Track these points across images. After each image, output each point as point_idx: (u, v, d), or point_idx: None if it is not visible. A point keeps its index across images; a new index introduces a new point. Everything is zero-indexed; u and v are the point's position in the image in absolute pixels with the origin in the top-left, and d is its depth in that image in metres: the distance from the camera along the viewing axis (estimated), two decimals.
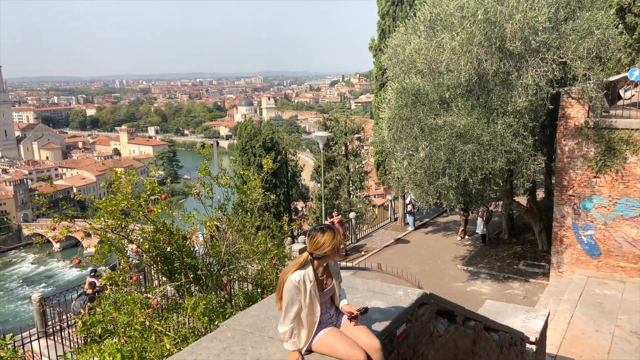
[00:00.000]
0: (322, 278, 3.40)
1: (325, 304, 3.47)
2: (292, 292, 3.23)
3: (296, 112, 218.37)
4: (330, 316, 3.53)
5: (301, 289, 3.24)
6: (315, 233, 3.30)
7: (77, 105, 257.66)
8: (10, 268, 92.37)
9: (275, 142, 33.52)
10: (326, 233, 3.27)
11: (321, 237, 3.26)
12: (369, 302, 4.25)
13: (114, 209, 5.85)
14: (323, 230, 3.31)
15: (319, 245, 3.26)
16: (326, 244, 3.25)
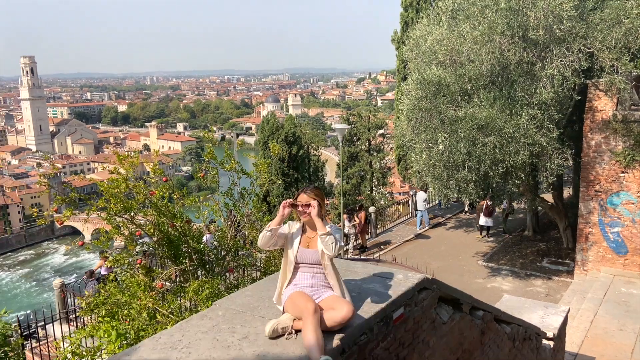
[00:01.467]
0: (309, 237, 3.53)
1: (309, 269, 3.52)
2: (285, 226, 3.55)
3: (322, 109, 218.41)
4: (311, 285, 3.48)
5: (287, 228, 3.54)
6: (303, 188, 3.57)
7: (109, 101, 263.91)
8: (43, 259, 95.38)
9: (297, 137, 33.53)
10: (305, 193, 3.50)
11: (302, 193, 3.52)
12: (367, 285, 4.13)
13: (116, 191, 5.86)
14: (304, 190, 3.54)
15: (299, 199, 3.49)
16: (301, 199, 3.47)
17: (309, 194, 3.48)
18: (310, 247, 3.51)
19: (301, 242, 3.52)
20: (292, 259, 3.52)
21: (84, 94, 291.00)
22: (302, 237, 3.53)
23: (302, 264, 3.51)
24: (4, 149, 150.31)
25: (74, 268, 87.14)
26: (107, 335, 4.44)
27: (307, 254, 3.50)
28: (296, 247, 3.50)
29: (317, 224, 3.40)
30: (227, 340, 3.27)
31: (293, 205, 3.48)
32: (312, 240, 3.52)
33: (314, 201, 3.43)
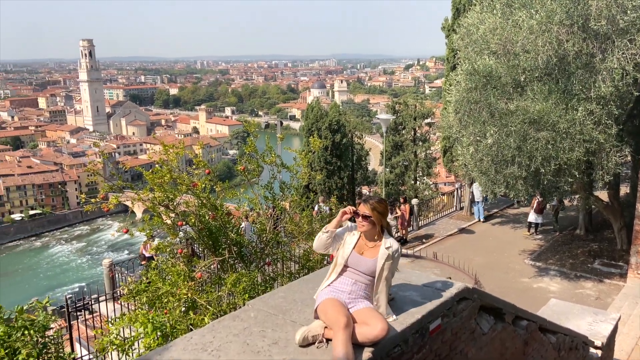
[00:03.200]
0: (366, 245, 3.47)
1: (356, 276, 3.44)
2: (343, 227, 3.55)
3: (368, 96, 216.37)
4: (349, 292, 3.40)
5: (348, 231, 3.51)
6: (366, 198, 3.52)
7: (162, 84, 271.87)
8: (97, 235, 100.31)
9: (342, 125, 33.30)
10: (366, 204, 3.45)
11: (363, 204, 3.46)
12: (402, 293, 4.00)
13: (160, 181, 5.96)
14: (367, 200, 3.48)
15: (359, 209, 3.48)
16: (361, 209, 3.45)
17: (368, 206, 3.43)
18: (364, 255, 3.45)
19: (356, 247, 3.47)
20: (342, 262, 3.47)
21: (139, 77, 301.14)
22: (359, 242, 3.48)
23: (350, 268, 3.45)
24: (64, 128, 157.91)
25: (126, 244, 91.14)
26: (143, 327, 4.55)
27: (359, 260, 3.44)
28: (349, 250, 3.45)
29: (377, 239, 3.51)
30: (257, 345, 3.24)
31: (354, 213, 3.44)
32: (367, 249, 3.47)
33: (370, 218, 3.42)
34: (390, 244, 3.44)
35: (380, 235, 3.49)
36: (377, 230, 3.47)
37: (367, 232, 3.46)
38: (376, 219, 3.42)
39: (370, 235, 3.47)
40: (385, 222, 3.52)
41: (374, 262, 3.41)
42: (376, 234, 3.47)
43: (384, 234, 3.50)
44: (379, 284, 3.43)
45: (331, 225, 3.46)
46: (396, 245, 3.46)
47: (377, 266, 3.39)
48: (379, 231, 3.48)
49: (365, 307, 3.35)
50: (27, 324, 4.13)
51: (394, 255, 3.44)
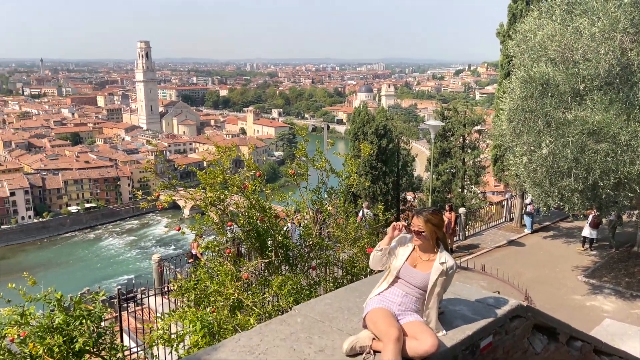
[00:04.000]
0: (420, 258, 3.39)
1: (407, 288, 3.37)
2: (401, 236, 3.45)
3: (416, 101, 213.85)
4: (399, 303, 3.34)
5: (401, 242, 3.42)
6: (419, 210, 3.44)
7: (212, 85, 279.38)
8: (147, 229, 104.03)
9: (388, 130, 33.03)
10: (419, 216, 3.36)
11: (416, 217, 3.37)
12: (453, 307, 3.90)
13: (213, 181, 6.09)
14: (420, 213, 3.39)
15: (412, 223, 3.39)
16: (414, 223, 3.35)
17: (421, 218, 3.34)
18: (417, 268, 3.38)
19: (409, 259, 3.39)
20: (394, 272, 3.41)
21: (191, 78, 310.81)
22: (412, 254, 3.41)
23: (401, 280, 3.39)
24: (120, 126, 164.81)
25: (173, 240, 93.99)
26: (192, 325, 4.65)
27: (412, 273, 3.37)
28: (402, 261, 3.39)
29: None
30: (303, 351, 3.24)
31: (405, 228, 3.39)
32: (420, 262, 3.39)
33: (421, 235, 3.35)
34: (445, 259, 3.34)
35: (435, 249, 3.40)
36: (432, 243, 3.38)
37: (421, 245, 3.38)
38: (430, 232, 3.32)
39: (425, 249, 3.38)
40: (442, 234, 3.42)
41: (426, 276, 3.33)
42: (431, 247, 3.38)
43: (439, 247, 3.40)
44: (430, 298, 3.35)
45: (384, 242, 3.40)
46: (451, 262, 3.36)
47: (429, 281, 3.31)
48: (434, 244, 3.39)
49: (416, 321, 3.29)
50: (84, 314, 4.32)
51: (448, 272, 3.35)
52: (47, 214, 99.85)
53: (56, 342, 4.02)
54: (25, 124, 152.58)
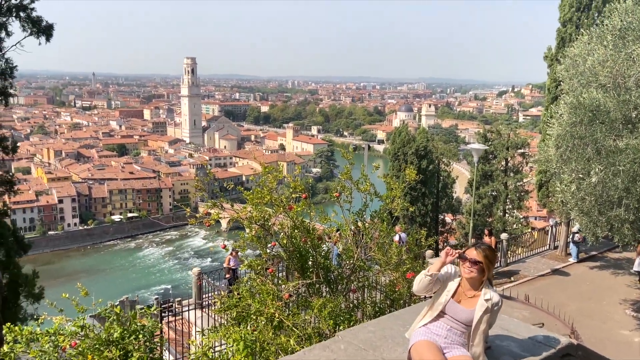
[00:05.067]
0: (465, 294, 3.35)
1: (452, 323, 3.34)
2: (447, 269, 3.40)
3: (457, 121, 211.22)
4: (445, 336, 3.31)
5: (447, 274, 3.36)
6: (478, 244, 3.40)
7: (254, 101, 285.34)
8: (185, 240, 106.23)
9: (429, 151, 32.71)
10: (478, 249, 3.33)
11: (475, 249, 3.35)
12: (500, 342, 3.82)
13: (259, 201, 6.22)
14: (479, 246, 3.36)
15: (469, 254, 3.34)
16: (471, 255, 3.33)
17: (479, 252, 3.32)
18: (462, 304, 3.34)
19: (455, 294, 3.36)
20: (439, 307, 3.37)
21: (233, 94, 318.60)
22: (458, 289, 3.37)
23: (447, 315, 3.35)
24: (164, 139, 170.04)
25: (210, 252, 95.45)
26: (236, 344, 4.73)
27: (457, 309, 3.34)
28: (448, 296, 3.35)
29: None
30: None
31: (460, 257, 3.36)
32: (466, 298, 3.35)
33: (480, 264, 3.31)
34: (490, 296, 3.29)
35: (482, 285, 3.36)
36: (482, 279, 3.35)
37: (472, 280, 3.33)
38: (485, 267, 3.30)
39: (474, 284, 3.34)
40: (491, 272, 3.39)
41: (471, 312, 3.28)
42: (479, 283, 3.34)
43: (485, 284, 3.36)
44: (475, 335, 3.29)
45: (434, 268, 3.37)
46: (497, 298, 3.31)
47: (474, 318, 3.27)
48: (483, 280, 3.36)
49: (462, 355, 3.25)
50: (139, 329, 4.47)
51: (494, 308, 3.29)
52: (92, 222, 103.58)
53: (114, 355, 4.18)
54: (76, 134, 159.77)
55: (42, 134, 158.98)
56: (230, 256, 15.58)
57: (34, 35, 10.12)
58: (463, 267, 3.35)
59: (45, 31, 10.17)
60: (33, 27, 10.05)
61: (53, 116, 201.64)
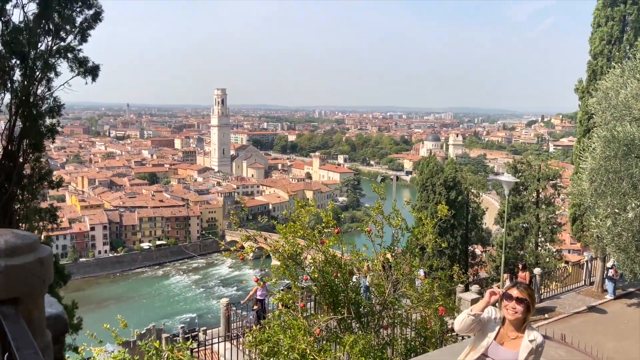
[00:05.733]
0: (508, 335, 3.33)
1: None
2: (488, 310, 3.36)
3: (485, 151, 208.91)
4: None
5: (489, 315, 3.35)
6: (518, 283, 3.42)
7: (282, 131, 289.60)
8: (212, 268, 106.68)
9: (458, 182, 32.39)
10: (520, 288, 3.33)
11: (517, 288, 3.34)
12: None
13: (292, 236, 6.32)
14: (520, 285, 3.36)
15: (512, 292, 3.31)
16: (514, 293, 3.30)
17: (521, 291, 3.33)
18: (505, 346, 3.33)
19: (497, 337, 3.35)
20: (481, 350, 3.36)
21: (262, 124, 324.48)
22: (500, 331, 3.36)
23: (489, 357, 3.35)
24: (193, 167, 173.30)
25: (235, 281, 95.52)
26: None
27: (499, 351, 3.33)
28: (490, 339, 3.34)
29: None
30: None
31: (504, 296, 3.36)
32: (509, 340, 3.34)
33: (526, 302, 3.32)
34: (534, 337, 3.27)
35: (524, 325, 3.35)
36: (526, 318, 3.34)
37: (515, 321, 3.31)
38: (530, 305, 3.31)
39: (517, 325, 3.32)
40: (532, 312, 3.38)
41: (515, 354, 3.27)
42: (522, 323, 3.33)
43: (528, 324, 3.35)
44: None
45: (478, 307, 3.37)
46: (540, 339, 3.29)
47: (519, 359, 3.26)
48: (525, 320, 3.35)
49: None
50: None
51: (538, 349, 3.27)
52: (122, 249, 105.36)
53: None
54: (109, 163, 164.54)
55: (77, 163, 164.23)
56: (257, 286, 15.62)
57: (81, 75, 10.69)
58: (506, 308, 3.34)
59: (91, 71, 10.74)
60: (80, 68, 10.63)
61: (88, 145, 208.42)
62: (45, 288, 1.85)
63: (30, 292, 1.75)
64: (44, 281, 1.82)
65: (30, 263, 1.72)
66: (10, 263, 1.67)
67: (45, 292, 1.89)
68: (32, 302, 1.77)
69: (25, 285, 1.71)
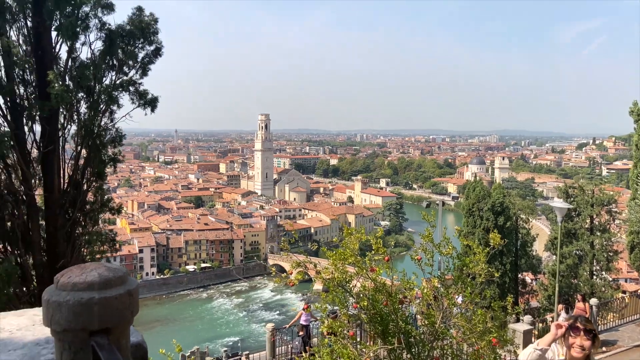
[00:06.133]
0: None
1: None
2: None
3: (533, 175, 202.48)
4: None
5: (552, 358, 3.30)
6: (582, 318, 3.29)
7: (323, 155, 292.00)
8: (254, 292, 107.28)
9: (506, 207, 31.45)
10: (587, 323, 3.25)
11: (579, 323, 3.26)
12: None
13: (341, 263, 6.34)
14: (586, 320, 3.30)
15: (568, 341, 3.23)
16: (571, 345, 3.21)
17: (586, 325, 3.27)
18: None
19: None
20: None
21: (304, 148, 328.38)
22: None
23: None
24: (237, 191, 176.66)
25: (278, 305, 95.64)
26: None
27: None
28: None
29: None
30: None
31: (571, 328, 3.28)
32: None
33: (593, 332, 3.28)
34: None
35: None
36: (590, 354, 3.23)
37: (581, 357, 3.23)
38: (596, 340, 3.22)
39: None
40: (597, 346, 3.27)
41: None
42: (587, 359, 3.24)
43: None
44: None
45: (545, 342, 3.29)
46: None
47: None
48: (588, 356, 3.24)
49: None
50: None
51: None
52: (168, 272, 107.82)
53: None
54: (158, 187, 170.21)
55: (128, 187, 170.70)
56: (302, 311, 15.60)
57: (141, 106, 11.30)
58: (573, 345, 3.24)
59: (151, 103, 11.34)
60: (140, 100, 11.25)
61: (138, 170, 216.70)
62: (132, 319, 1.96)
63: (120, 322, 1.86)
64: (132, 312, 1.93)
65: (121, 295, 1.83)
66: (104, 295, 1.78)
67: (131, 323, 2.00)
68: (121, 331, 1.88)
69: (117, 316, 1.82)
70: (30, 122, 10.31)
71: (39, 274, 10.42)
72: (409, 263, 7.36)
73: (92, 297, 1.76)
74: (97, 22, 10.53)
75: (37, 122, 10.39)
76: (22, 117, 10.22)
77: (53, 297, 1.80)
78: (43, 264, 10.33)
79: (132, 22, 10.98)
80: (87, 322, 1.76)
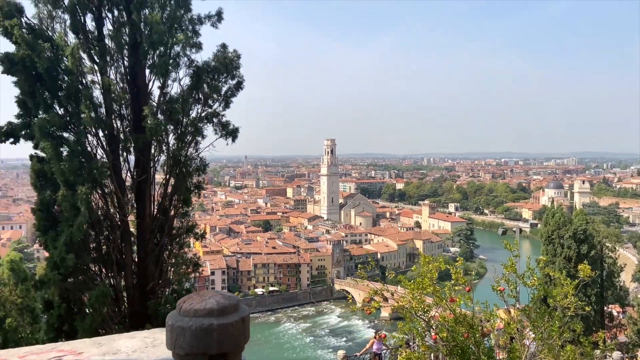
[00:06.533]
0: None
1: None
2: None
3: (617, 199, 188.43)
4: None
5: None
6: None
7: (389, 179, 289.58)
8: (321, 317, 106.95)
9: (589, 234, 29.50)
10: None
11: None
12: None
13: (419, 293, 6.31)
14: None
15: None
16: None
17: None
18: None
19: None
20: None
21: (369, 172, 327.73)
22: None
23: None
24: (304, 215, 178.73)
25: (345, 331, 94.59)
26: None
27: None
28: None
29: None
30: None
31: None
32: None
33: None
34: None
35: None
36: None
37: None
38: None
39: None
40: None
41: None
42: None
43: None
44: None
45: None
46: None
47: None
48: None
49: None
50: None
51: None
52: (238, 294, 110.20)
53: None
54: (228, 211, 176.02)
55: (201, 211, 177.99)
56: (374, 339, 15.45)
57: (223, 137, 12.02)
58: None
59: (232, 133, 12.03)
60: (223, 130, 11.97)
61: (211, 195, 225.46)
62: (244, 345, 2.10)
63: (235, 348, 2.00)
64: (245, 338, 2.07)
65: (236, 322, 1.98)
66: (222, 322, 1.93)
67: (243, 349, 2.14)
68: (235, 357, 2.03)
69: (233, 342, 1.97)
70: (126, 152, 11.28)
71: (129, 295, 11.17)
72: (482, 291, 7.19)
73: (211, 323, 1.89)
74: (186, 60, 11.50)
75: (131, 152, 11.34)
76: (118, 148, 11.22)
77: (177, 322, 1.93)
78: (134, 285, 11.07)
79: (217, 58, 11.83)
80: (208, 347, 1.88)
